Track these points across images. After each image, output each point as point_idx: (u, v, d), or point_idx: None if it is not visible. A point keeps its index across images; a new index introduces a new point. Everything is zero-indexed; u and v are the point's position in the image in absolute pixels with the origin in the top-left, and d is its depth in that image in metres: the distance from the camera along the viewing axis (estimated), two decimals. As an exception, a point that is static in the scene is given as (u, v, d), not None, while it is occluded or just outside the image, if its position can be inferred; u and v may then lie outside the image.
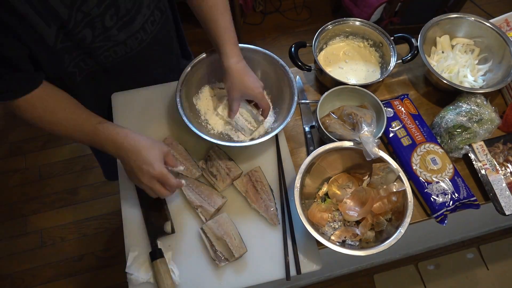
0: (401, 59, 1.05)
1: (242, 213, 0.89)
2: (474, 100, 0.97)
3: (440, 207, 0.87)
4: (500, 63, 1.06)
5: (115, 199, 1.92)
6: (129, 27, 0.82)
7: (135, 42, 0.87)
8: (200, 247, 0.85)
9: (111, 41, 0.82)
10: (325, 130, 0.91)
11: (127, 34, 0.83)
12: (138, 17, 0.83)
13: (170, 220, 0.86)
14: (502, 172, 0.93)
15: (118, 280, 1.74)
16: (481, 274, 1.76)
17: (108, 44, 0.82)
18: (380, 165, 0.84)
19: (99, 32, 0.78)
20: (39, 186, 1.96)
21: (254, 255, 0.84)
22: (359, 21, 1.10)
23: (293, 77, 0.95)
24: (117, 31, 0.81)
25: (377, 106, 0.95)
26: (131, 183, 0.91)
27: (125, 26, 0.81)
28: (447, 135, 0.96)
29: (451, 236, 1.75)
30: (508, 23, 1.12)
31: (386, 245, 0.76)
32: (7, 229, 1.85)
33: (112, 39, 0.81)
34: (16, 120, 2.16)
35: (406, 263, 1.78)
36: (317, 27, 1.08)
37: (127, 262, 0.81)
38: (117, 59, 0.87)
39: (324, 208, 0.87)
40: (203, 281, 0.82)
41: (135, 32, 0.85)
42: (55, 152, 2.07)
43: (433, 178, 0.89)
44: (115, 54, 0.86)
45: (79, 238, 1.83)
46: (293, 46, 1.05)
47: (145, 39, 0.89)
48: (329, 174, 0.91)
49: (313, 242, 0.85)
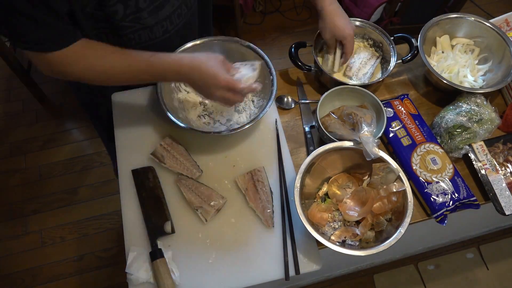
0: (401, 59, 1.05)
1: (242, 213, 0.89)
2: (474, 100, 0.97)
3: (440, 207, 0.87)
4: (500, 63, 1.06)
5: (115, 199, 1.92)
6: (158, 12, 0.83)
7: (160, 30, 0.88)
8: (200, 247, 0.85)
9: (140, 23, 0.82)
10: (325, 130, 0.91)
11: (155, 19, 0.84)
12: (167, 6, 0.84)
13: (170, 220, 0.86)
14: (502, 172, 0.93)
15: (118, 280, 1.74)
16: (481, 274, 1.76)
17: (135, 26, 0.83)
18: (380, 165, 0.84)
19: (131, 11, 0.79)
20: (39, 186, 1.96)
21: (254, 255, 0.84)
22: (359, 21, 1.10)
23: (271, 64, 0.96)
24: (147, 14, 0.82)
25: (377, 106, 0.95)
26: (131, 183, 0.91)
27: (155, 11, 0.82)
28: (447, 135, 0.96)
29: (451, 236, 1.75)
30: (508, 23, 1.12)
31: (386, 245, 0.76)
32: (7, 229, 1.85)
33: (141, 21, 0.82)
34: (16, 120, 2.17)
35: (406, 263, 1.78)
36: (317, 27, 1.08)
37: (127, 262, 0.81)
38: (139, 44, 0.87)
39: (324, 208, 0.87)
40: (203, 281, 0.82)
41: (162, 20, 0.86)
42: (55, 152, 2.07)
43: (433, 178, 0.89)
44: (139, 38, 0.86)
45: (79, 238, 1.83)
46: (293, 46, 1.05)
47: (170, 30, 0.90)
48: (329, 174, 0.91)
49: (313, 242, 0.85)
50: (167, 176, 0.92)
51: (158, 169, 0.93)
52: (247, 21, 2.54)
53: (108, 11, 0.76)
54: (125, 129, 0.98)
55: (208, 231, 0.86)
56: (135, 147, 0.96)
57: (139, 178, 0.91)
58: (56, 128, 2.15)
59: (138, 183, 0.91)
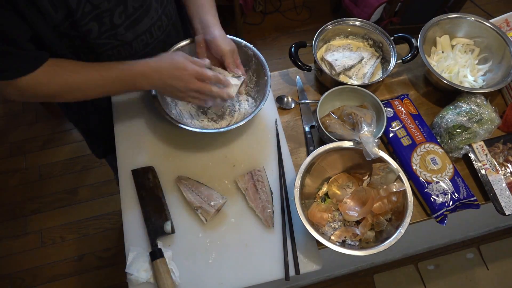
0: (401, 59, 1.05)
1: (242, 213, 0.89)
2: (474, 100, 0.97)
3: (440, 207, 0.87)
4: (500, 63, 1.06)
5: (115, 199, 1.92)
6: (136, 27, 0.83)
7: (141, 44, 0.87)
8: (200, 247, 0.85)
9: (118, 40, 0.82)
10: (325, 130, 0.91)
11: (134, 34, 0.84)
12: (146, 19, 0.83)
13: (170, 220, 0.86)
14: (502, 172, 0.93)
15: (118, 280, 1.74)
16: (481, 274, 1.76)
17: (113, 43, 0.82)
18: (380, 165, 0.84)
19: (106, 28, 0.78)
20: (39, 186, 1.96)
21: (254, 255, 0.84)
22: (359, 21, 1.10)
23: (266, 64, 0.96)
24: (125, 30, 0.81)
25: (377, 106, 0.95)
26: (131, 183, 0.91)
27: (133, 26, 0.82)
28: (447, 135, 0.96)
29: (451, 236, 1.75)
30: (508, 23, 1.12)
31: (386, 245, 0.76)
32: (7, 229, 1.85)
33: (119, 38, 0.82)
34: (16, 120, 2.17)
35: (406, 263, 1.78)
36: (317, 27, 1.08)
37: (127, 262, 0.81)
38: (120, 60, 0.87)
39: (324, 208, 0.87)
40: (203, 281, 0.82)
41: (142, 34, 0.85)
42: (55, 152, 2.07)
43: (433, 178, 0.89)
44: (118, 54, 0.85)
45: (79, 238, 1.83)
46: (293, 46, 1.05)
47: (150, 43, 0.89)
48: (329, 174, 0.91)
49: (313, 242, 0.85)
50: (167, 176, 0.92)
51: (158, 169, 0.93)
52: (247, 21, 2.54)
53: (81, 30, 0.75)
54: (125, 129, 0.98)
55: (208, 231, 0.86)
56: (135, 147, 0.96)
57: (139, 178, 0.91)
58: (56, 128, 2.15)
59: (138, 183, 0.91)
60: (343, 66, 1.06)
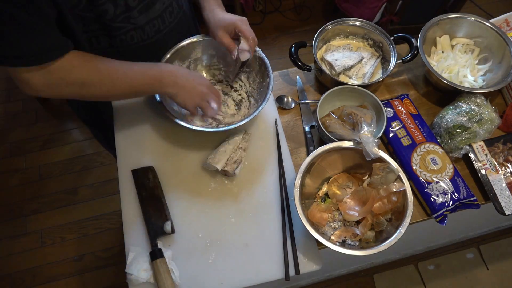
0: (401, 59, 1.05)
1: (242, 213, 0.89)
2: (474, 100, 0.97)
3: (440, 207, 0.87)
4: (500, 63, 1.06)
5: (115, 199, 1.92)
6: (149, 11, 0.84)
7: (153, 29, 0.88)
8: (200, 247, 0.85)
9: (131, 23, 0.83)
10: (325, 130, 0.91)
11: (146, 18, 0.85)
12: (158, 4, 0.85)
13: (170, 220, 0.86)
14: (502, 172, 0.93)
15: (118, 280, 1.74)
16: (481, 274, 1.76)
17: (127, 27, 0.83)
18: (380, 165, 0.84)
19: (121, 10, 0.79)
20: (39, 186, 1.96)
21: (254, 255, 0.84)
22: (359, 21, 1.10)
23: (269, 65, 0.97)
24: (138, 13, 0.82)
25: (377, 106, 0.95)
26: (131, 183, 0.91)
27: (146, 9, 0.83)
28: (447, 135, 0.96)
29: (451, 236, 1.75)
30: (508, 23, 1.12)
31: (386, 245, 0.76)
32: (7, 229, 1.85)
33: (132, 21, 0.83)
34: (16, 120, 2.17)
35: (406, 263, 1.78)
36: (317, 27, 1.08)
37: (127, 262, 0.81)
38: (132, 45, 0.87)
39: (324, 208, 0.87)
40: (203, 281, 0.82)
41: (154, 19, 0.86)
42: (55, 152, 2.07)
43: (433, 178, 0.90)
44: (131, 39, 0.86)
45: (79, 238, 1.83)
46: (293, 46, 1.05)
47: (162, 29, 0.90)
48: (329, 174, 0.91)
49: (313, 242, 0.85)
50: (167, 176, 0.92)
51: (158, 169, 0.93)
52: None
53: (98, 10, 0.76)
54: (125, 129, 0.98)
55: (208, 231, 0.86)
56: (135, 147, 0.96)
57: (139, 178, 0.91)
58: (56, 128, 2.15)
59: (138, 183, 0.91)
60: (343, 66, 1.06)
